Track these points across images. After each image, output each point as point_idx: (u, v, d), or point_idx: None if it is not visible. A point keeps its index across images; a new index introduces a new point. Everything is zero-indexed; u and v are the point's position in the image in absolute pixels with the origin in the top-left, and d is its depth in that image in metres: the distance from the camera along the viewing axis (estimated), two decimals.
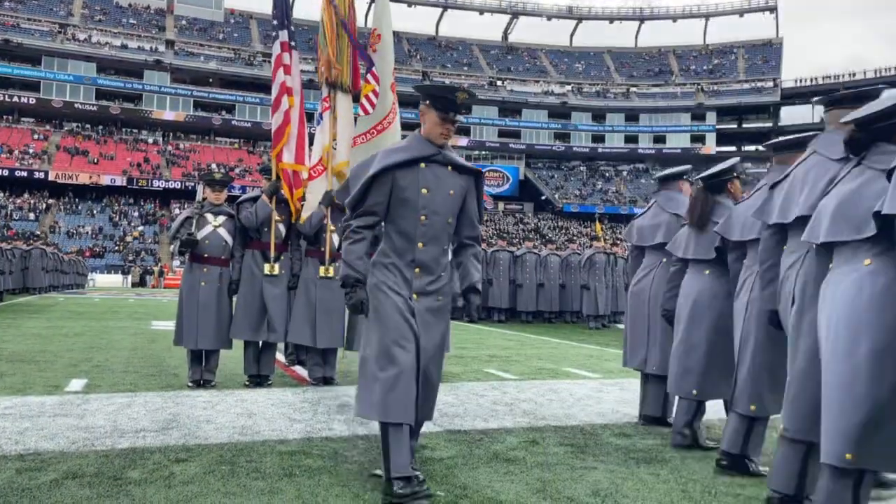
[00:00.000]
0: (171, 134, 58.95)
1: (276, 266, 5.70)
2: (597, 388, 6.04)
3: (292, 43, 6.13)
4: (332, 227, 5.80)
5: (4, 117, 54.39)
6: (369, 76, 5.90)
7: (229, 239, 5.70)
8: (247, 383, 5.68)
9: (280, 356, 6.88)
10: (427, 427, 4.28)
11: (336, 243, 5.83)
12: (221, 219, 5.74)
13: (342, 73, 5.99)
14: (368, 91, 5.87)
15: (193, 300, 5.54)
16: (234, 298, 5.71)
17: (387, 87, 5.86)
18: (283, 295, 5.74)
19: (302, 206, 5.83)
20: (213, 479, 3.13)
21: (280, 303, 5.68)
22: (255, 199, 5.76)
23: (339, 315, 5.74)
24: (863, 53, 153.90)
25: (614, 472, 3.44)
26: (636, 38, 73.82)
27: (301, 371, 6.34)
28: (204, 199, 5.83)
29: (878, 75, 59.94)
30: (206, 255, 5.61)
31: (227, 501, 2.83)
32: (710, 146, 65.25)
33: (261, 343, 5.73)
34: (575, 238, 27.80)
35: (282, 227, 5.84)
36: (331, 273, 5.72)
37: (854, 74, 61.63)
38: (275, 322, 5.62)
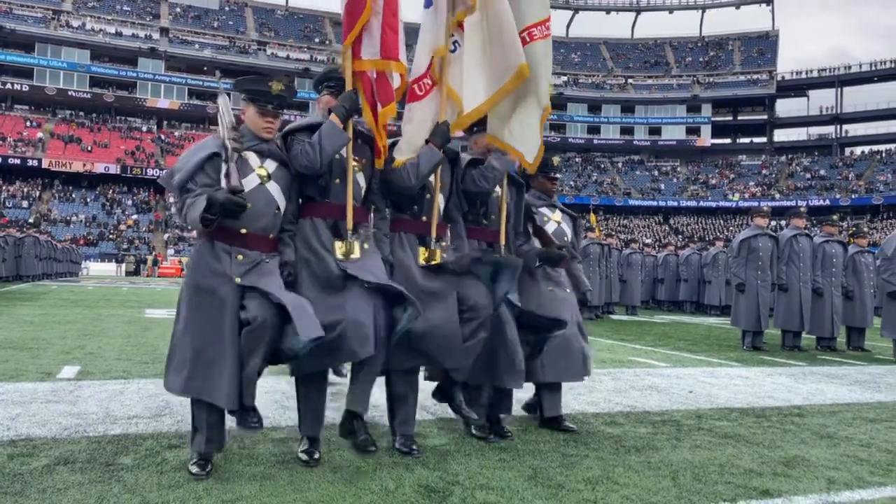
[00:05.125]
0: (166, 122, 58.75)
1: (356, 244, 3.28)
2: (589, 378, 6.04)
3: None
4: (440, 184, 3.65)
5: None
6: None
7: (282, 202, 3.20)
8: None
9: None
10: (420, 415, 4.30)
11: (442, 209, 3.71)
12: (272, 165, 3.20)
13: None
14: None
15: (220, 313, 2.95)
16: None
17: None
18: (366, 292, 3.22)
19: (391, 143, 3.54)
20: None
21: (363, 304, 3.15)
22: (313, 128, 3.29)
23: (453, 322, 3.42)
24: (844, 45, 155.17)
25: (605, 460, 3.46)
26: (632, 29, 73.81)
27: None
28: (238, 127, 3.19)
29: (872, 68, 60.20)
30: (242, 230, 3.07)
31: (220, 487, 2.84)
32: (706, 138, 65.39)
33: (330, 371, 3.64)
34: None
35: (361, 178, 3.43)
36: (436, 258, 3.55)
37: (850, 67, 61.92)
38: (354, 334, 3.08)
